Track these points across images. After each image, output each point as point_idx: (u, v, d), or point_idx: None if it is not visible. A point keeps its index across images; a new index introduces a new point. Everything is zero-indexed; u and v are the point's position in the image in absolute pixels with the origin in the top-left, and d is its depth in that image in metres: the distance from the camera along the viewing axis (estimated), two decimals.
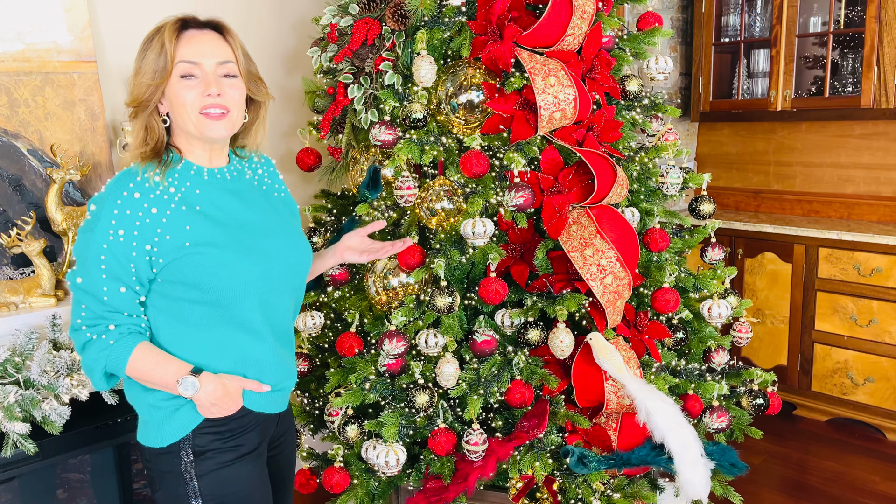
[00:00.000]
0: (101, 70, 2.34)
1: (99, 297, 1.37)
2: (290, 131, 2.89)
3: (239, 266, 1.42)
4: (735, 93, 3.99)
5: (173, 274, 1.39)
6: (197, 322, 1.43)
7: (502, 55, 2.03)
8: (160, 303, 1.43)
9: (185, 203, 1.41)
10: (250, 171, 1.59)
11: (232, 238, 1.43)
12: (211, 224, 1.42)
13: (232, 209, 1.47)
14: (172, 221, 1.37)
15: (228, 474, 1.47)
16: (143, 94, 1.39)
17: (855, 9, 3.58)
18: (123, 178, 1.39)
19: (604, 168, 2.03)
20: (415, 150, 2.06)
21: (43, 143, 2.18)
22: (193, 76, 1.40)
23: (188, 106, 1.39)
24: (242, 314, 1.45)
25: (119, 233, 1.34)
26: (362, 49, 2.21)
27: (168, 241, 1.37)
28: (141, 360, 1.39)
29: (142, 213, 1.35)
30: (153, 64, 1.38)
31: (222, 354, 1.45)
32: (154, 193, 1.38)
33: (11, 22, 2.12)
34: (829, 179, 3.88)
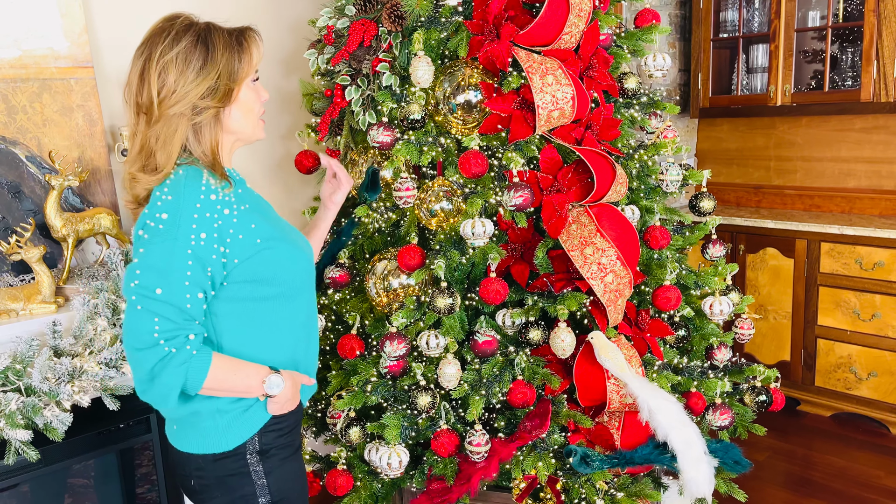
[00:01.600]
0: (99, 75, 2.34)
1: (181, 305, 1.31)
2: (288, 134, 2.88)
3: (300, 257, 1.49)
4: (734, 88, 3.98)
5: (244, 273, 1.38)
6: (260, 320, 1.44)
7: (499, 54, 2.02)
8: (222, 308, 1.40)
9: (242, 203, 1.40)
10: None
11: (282, 230, 1.48)
12: (265, 220, 1.44)
13: (264, 207, 1.51)
14: (241, 221, 1.37)
15: (289, 469, 1.50)
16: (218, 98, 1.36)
17: (853, 2, 3.57)
18: (193, 181, 1.34)
19: (603, 166, 2.03)
20: (413, 151, 2.06)
21: (41, 149, 2.18)
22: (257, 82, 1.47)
23: (255, 111, 1.46)
24: (302, 306, 1.52)
25: (201, 236, 1.31)
26: (359, 50, 2.20)
27: (241, 240, 1.36)
28: (219, 367, 1.35)
29: (217, 214, 1.33)
30: (230, 64, 1.37)
31: (281, 350, 1.48)
32: (221, 195, 1.36)
33: (7, 28, 2.12)
34: (830, 174, 3.87)
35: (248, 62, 1.42)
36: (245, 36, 1.43)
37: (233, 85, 1.39)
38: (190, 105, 1.35)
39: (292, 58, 2.86)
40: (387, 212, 2.26)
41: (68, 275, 2.17)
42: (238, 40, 1.41)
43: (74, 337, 1.95)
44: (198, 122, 1.37)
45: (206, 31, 1.39)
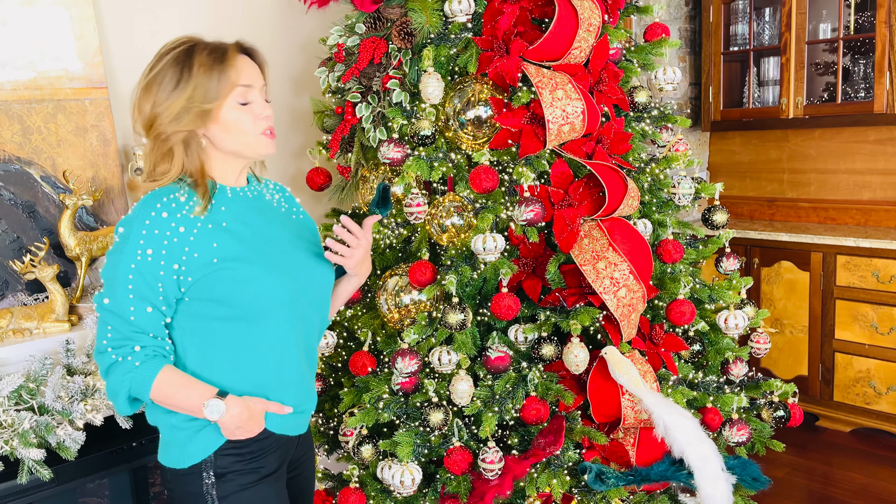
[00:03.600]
0: (113, 95, 2.36)
1: (126, 317, 1.36)
2: (299, 151, 2.90)
3: (265, 280, 1.42)
4: (746, 101, 3.96)
5: (202, 291, 1.39)
6: (224, 341, 1.43)
7: (509, 70, 2.03)
8: (187, 323, 1.43)
9: (211, 221, 1.41)
10: (269, 194, 1.61)
11: (258, 253, 1.44)
12: (237, 240, 1.42)
13: (257, 225, 1.49)
14: (200, 239, 1.38)
15: (249, 496, 1.46)
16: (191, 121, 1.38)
17: (864, 14, 3.56)
18: (151, 199, 1.39)
19: (614, 180, 2.02)
20: (424, 166, 2.06)
21: (56, 169, 2.20)
22: (249, 101, 1.43)
23: (249, 129, 1.42)
24: (271, 330, 1.45)
25: (147, 252, 1.34)
26: (369, 68, 2.21)
27: (196, 258, 1.37)
28: (166, 383, 1.38)
29: (170, 232, 1.36)
30: (205, 86, 1.37)
31: (247, 374, 1.45)
32: (181, 213, 1.38)
33: (23, 51, 2.15)
34: (845, 186, 3.84)
35: (227, 81, 1.39)
36: (226, 55, 1.40)
37: (208, 105, 1.38)
38: (168, 126, 1.38)
39: (303, 76, 2.88)
40: (398, 228, 2.26)
41: (82, 293, 2.18)
42: (219, 59, 1.39)
43: (87, 355, 1.96)
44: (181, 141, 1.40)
45: (187, 53, 1.40)
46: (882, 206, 3.71)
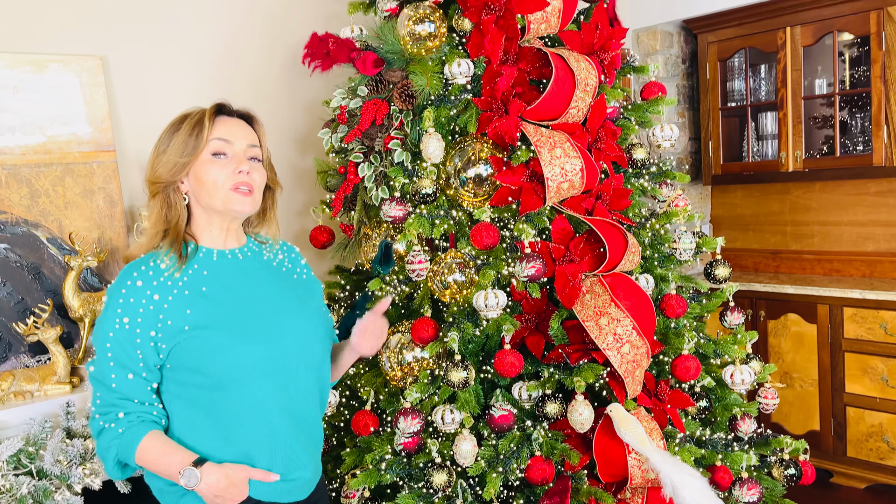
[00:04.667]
0: (120, 158, 2.41)
1: (108, 384, 1.39)
2: (303, 210, 2.93)
3: (236, 348, 1.41)
4: (745, 155, 4.00)
5: (177, 359, 1.40)
6: (205, 407, 1.42)
7: (508, 129, 2.06)
8: (172, 389, 1.43)
9: (189, 287, 1.42)
10: (269, 254, 1.60)
11: (233, 320, 1.43)
12: (212, 307, 1.42)
13: (239, 289, 1.48)
14: (174, 307, 1.39)
15: None
16: (168, 172, 1.44)
17: (860, 69, 3.62)
18: (130, 269, 1.42)
19: (614, 236, 2.03)
20: (425, 224, 2.08)
21: (62, 230, 2.23)
22: (225, 154, 1.45)
23: (219, 182, 1.43)
24: (248, 398, 1.43)
25: (124, 321, 1.37)
26: (372, 129, 2.26)
27: (169, 326, 1.38)
28: (149, 449, 1.38)
29: (145, 300, 1.38)
30: (183, 144, 1.43)
31: (230, 441, 1.43)
32: (158, 280, 1.40)
33: (33, 117, 2.20)
34: (849, 238, 3.84)
35: (203, 136, 1.43)
36: (204, 114, 1.46)
37: (184, 159, 1.43)
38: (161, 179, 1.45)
39: (307, 136, 2.94)
40: (400, 285, 2.26)
41: (84, 354, 2.18)
42: (201, 119, 1.45)
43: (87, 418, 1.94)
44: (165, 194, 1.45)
45: (182, 118, 1.47)
46: (886, 257, 3.70)
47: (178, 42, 2.60)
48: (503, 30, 2.08)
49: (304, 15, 2.92)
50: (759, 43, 3.76)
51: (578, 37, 2.18)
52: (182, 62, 2.61)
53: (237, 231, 1.53)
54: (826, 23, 3.51)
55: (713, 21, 3.88)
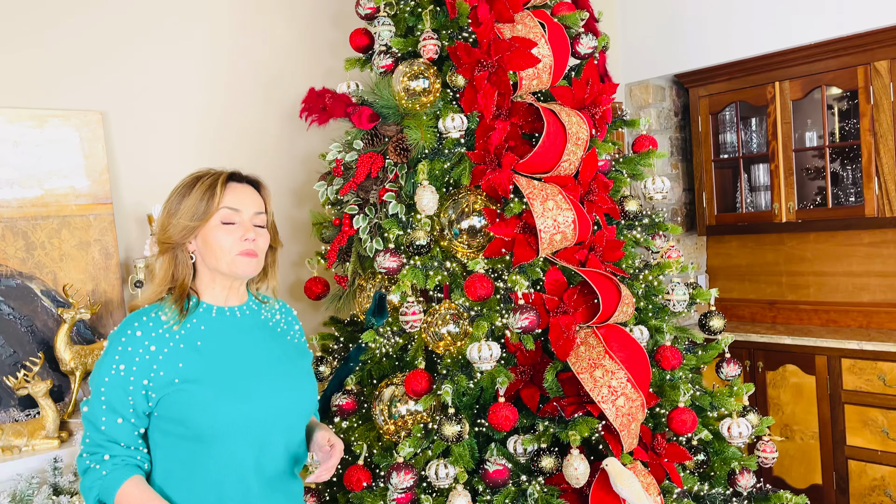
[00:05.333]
0: (117, 211, 2.42)
1: (98, 426, 1.43)
2: (298, 261, 2.94)
3: (219, 404, 1.44)
4: (739, 206, 4.03)
5: (164, 410, 1.44)
6: (184, 458, 1.45)
7: (501, 182, 2.09)
8: (156, 437, 1.47)
9: (185, 341, 1.47)
10: (267, 313, 1.66)
11: (221, 376, 1.47)
12: (203, 362, 1.47)
13: (233, 346, 1.52)
14: (168, 359, 1.44)
15: None
16: (178, 234, 1.51)
17: (849, 122, 3.68)
18: (133, 318, 1.48)
19: (608, 287, 2.03)
20: (419, 275, 2.09)
21: (56, 283, 2.23)
22: (233, 222, 1.52)
23: (226, 248, 1.51)
24: (225, 453, 1.45)
25: (120, 368, 1.42)
26: (367, 181, 2.28)
27: (161, 377, 1.43)
28: (128, 494, 1.41)
29: (142, 349, 1.43)
30: (194, 207, 1.50)
31: (202, 495, 1.45)
32: (156, 332, 1.46)
33: (32, 170, 2.23)
34: (844, 288, 3.84)
35: (213, 203, 1.50)
36: (217, 180, 1.52)
37: (194, 223, 1.50)
38: (172, 241, 1.51)
39: (303, 188, 2.97)
40: (394, 336, 2.25)
41: (74, 408, 2.16)
42: (212, 185, 1.51)
43: (74, 474, 1.91)
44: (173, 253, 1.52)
45: (194, 181, 1.53)
46: (883, 308, 3.69)
47: (176, 96, 2.65)
48: (496, 86, 2.13)
49: (302, 71, 2.98)
50: (749, 97, 3.83)
51: (569, 92, 2.23)
52: (181, 116, 2.65)
53: (239, 289, 1.60)
54: (814, 77, 3.59)
55: (704, 76, 3.97)
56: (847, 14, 3.40)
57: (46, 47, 2.34)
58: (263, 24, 2.90)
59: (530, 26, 2.22)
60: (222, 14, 2.78)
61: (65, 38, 2.38)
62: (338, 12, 3.09)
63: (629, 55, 4.15)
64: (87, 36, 2.44)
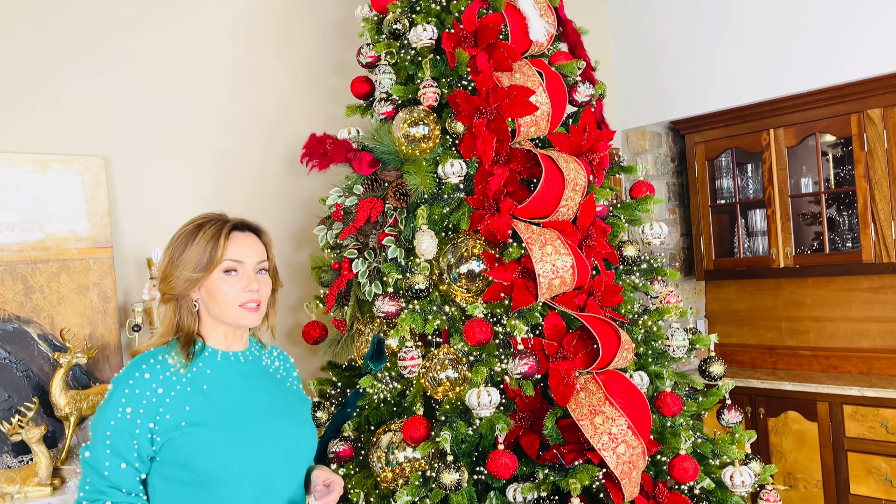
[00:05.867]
0: (117, 254, 2.43)
1: (101, 471, 1.41)
2: (297, 305, 2.93)
3: (226, 448, 1.44)
4: (737, 251, 4.05)
5: (168, 453, 1.43)
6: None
7: (500, 227, 2.10)
8: (157, 483, 1.46)
9: (191, 384, 1.48)
10: (267, 360, 1.68)
11: (227, 420, 1.48)
12: (210, 405, 1.47)
13: (237, 390, 1.54)
14: (175, 402, 1.44)
15: None
16: (181, 285, 1.51)
17: (844, 168, 3.72)
18: (139, 360, 1.49)
19: (607, 332, 2.03)
20: (418, 319, 2.09)
21: (54, 327, 2.22)
22: (236, 272, 1.54)
23: (230, 299, 1.52)
24: (229, 498, 1.44)
25: (127, 411, 1.41)
26: (366, 226, 2.29)
27: (168, 420, 1.43)
28: None
29: (149, 392, 1.43)
30: (197, 257, 1.51)
31: None
32: (164, 374, 1.46)
33: (33, 214, 2.24)
34: (844, 334, 3.83)
35: (217, 255, 1.51)
36: (221, 231, 1.53)
37: (197, 274, 1.50)
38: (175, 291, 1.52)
39: (303, 233, 2.98)
40: (392, 381, 2.24)
41: (67, 454, 2.13)
42: (215, 235, 1.52)
43: None
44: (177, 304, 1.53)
45: (196, 228, 1.54)
46: (883, 353, 3.68)
47: (179, 141, 2.68)
48: (494, 132, 2.16)
49: (304, 116, 3.02)
50: (744, 143, 3.88)
51: (567, 139, 2.26)
52: (182, 160, 2.68)
53: (242, 335, 1.62)
54: (808, 125, 3.64)
55: (699, 122, 4.03)
56: (839, 63, 3.46)
57: (50, 93, 2.37)
58: (266, 71, 2.95)
59: (528, 75, 2.26)
60: (226, 61, 2.83)
61: (68, 83, 2.42)
62: (339, 60, 3.15)
63: (625, 102, 4.22)
64: (92, 81, 2.48)
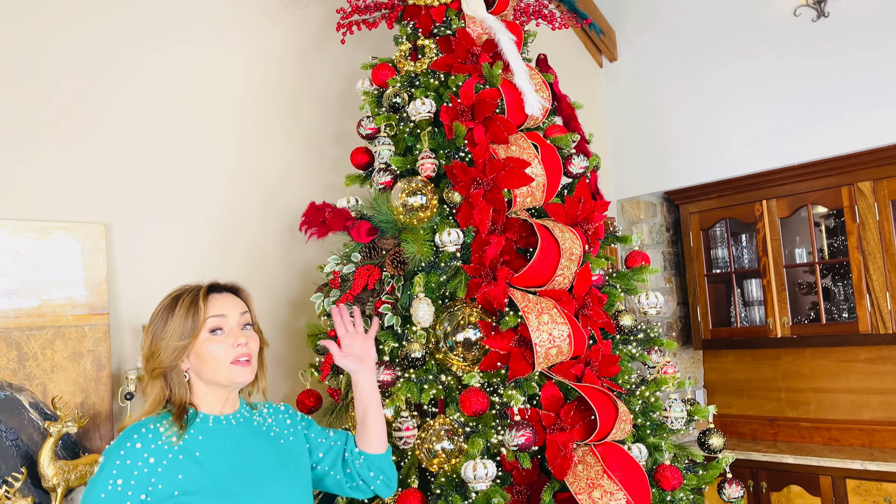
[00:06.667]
0: (113, 321, 2.42)
1: None
2: (292, 373, 2.91)
3: None
4: (734, 321, 4.05)
5: None
6: None
7: (496, 295, 2.11)
8: None
9: (183, 452, 1.47)
10: (258, 418, 1.67)
11: (221, 487, 1.46)
12: (203, 472, 1.46)
13: (230, 455, 1.53)
14: (167, 471, 1.43)
15: None
16: (169, 357, 1.51)
17: (837, 238, 3.76)
18: (131, 430, 1.47)
19: (605, 403, 2.01)
20: (414, 389, 2.07)
21: (45, 395, 2.20)
22: (221, 329, 1.54)
23: (220, 358, 1.52)
24: None
25: (118, 482, 1.39)
26: (363, 293, 2.30)
27: (160, 490, 1.41)
28: None
29: (140, 462, 1.42)
30: (181, 326, 1.52)
31: None
32: (156, 444, 1.45)
33: (31, 281, 2.24)
34: (844, 405, 3.79)
35: (199, 318, 1.52)
36: (197, 296, 1.55)
37: (183, 342, 1.51)
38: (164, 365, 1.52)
39: (300, 300, 2.98)
40: None
41: None
42: (194, 301, 1.54)
43: None
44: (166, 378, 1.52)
45: (174, 300, 1.55)
46: (884, 426, 3.64)
47: (179, 206, 2.71)
48: (491, 202, 2.19)
49: (303, 185, 3.07)
50: (738, 214, 3.94)
51: (562, 209, 2.29)
52: (182, 225, 2.70)
53: (233, 398, 1.62)
54: (800, 196, 3.70)
55: (693, 193, 4.09)
56: (829, 137, 3.55)
57: (53, 160, 2.41)
58: (268, 140, 3.01)
59: (524, 147, 2.31)
60: (229, 129, 2.89)
61: (72, 152, 2.47)
62: (340, 131, 3.22)
63: (620, 173, 4.30)
64: (96, 150, 2.52)
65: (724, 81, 3.90)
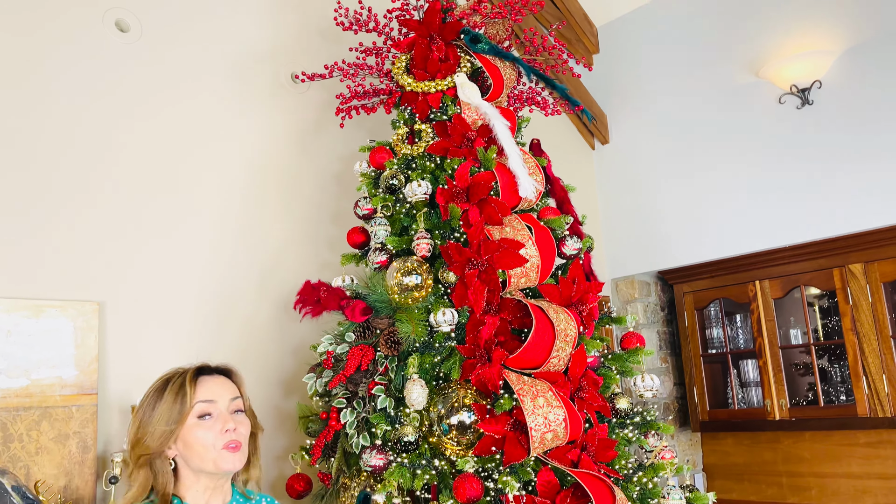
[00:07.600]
0: (101, 401, 2.38)
1: None
2: (283, 455, 2.84)
3: None
4: (731, 402, 4.00)
5: None
6: None
7: (491, 377, 2.09)
8: None
9: None
10: None
11: None
12: None
13: None
14: None
15: None
16: (156, 442, 1.46)
17: (832, 318, 3.77)
18: None
19: (601, 490, 1.96)
20: (406, 474, 2.02)
21: (29, 478, 2.14)
22: (210, 415, 1.49)
23: (208, 444, 1.47)
24: None
25: None
26: (356, 374, 2.28)
27: None
28: None
29: None
30: (168, 411, 1.47)
31: None
32: None
33: (21, 360, 2.22)
34: (846, 491, 3.71)
35: (186, 403, 1.48)
36: (186, 377, 1.52)
37: (170, 427, 1.47)
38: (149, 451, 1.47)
39: (293, 380, 2.94)
40: None
41: None
42: (182, 385, 1.51)
43: None
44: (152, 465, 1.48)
45: (163, 384, 1.52)
46: None
47: (173, 284, 2.71)
48: (485, 283, 2.20)
49: (298, 263, 3.08)
50: (732, 294, 3.95)
51: (557, 290, 2.30)
52: (175, 303, 2.69)
53: (223, 488, 1.55)
54: (793, 277, 3.73)
55: (686, 273, 4.12)
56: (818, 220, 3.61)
57: (46, 238, 2.42)
58: (265, 219, 3.04)
59: (518, 229, 2.34)
60: (226, 208, 2.92)
61: (69, 229, 2.48)
62: (336, 211, 3.26)
63: (614, 252, 4.33)
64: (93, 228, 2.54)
65: (714, 164, 3.99)
